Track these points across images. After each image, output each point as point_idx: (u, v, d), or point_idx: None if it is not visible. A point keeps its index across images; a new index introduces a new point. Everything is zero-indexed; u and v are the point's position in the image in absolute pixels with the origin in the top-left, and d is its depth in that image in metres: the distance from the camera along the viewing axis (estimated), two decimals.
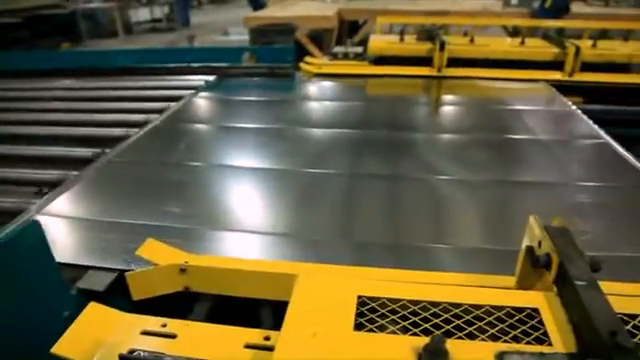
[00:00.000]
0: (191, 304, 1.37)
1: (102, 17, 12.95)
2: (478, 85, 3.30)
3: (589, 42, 3.59)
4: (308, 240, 1.57)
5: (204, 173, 2.10)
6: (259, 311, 1.30)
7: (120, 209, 1.78)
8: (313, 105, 3.04)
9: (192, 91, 3.22)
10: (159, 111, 2.87)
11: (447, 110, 3.06)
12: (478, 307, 0.95)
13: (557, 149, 2.31)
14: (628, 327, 0.92)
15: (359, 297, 0.97)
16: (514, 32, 6.86)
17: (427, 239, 1.58)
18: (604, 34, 4.33)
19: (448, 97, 3.22)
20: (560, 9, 7.21)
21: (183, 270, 1.36)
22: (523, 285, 1.11)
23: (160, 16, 14.75)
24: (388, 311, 0.95)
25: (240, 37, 10.83)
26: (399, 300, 0.96)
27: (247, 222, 1.70)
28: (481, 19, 6.90)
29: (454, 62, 3.43)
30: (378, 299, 0.96)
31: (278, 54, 3.63)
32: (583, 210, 1.78)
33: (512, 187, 1.99)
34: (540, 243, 1.05)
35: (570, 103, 2.93)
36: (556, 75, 3.33)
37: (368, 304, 0.96)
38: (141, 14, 14.80)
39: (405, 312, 0.94)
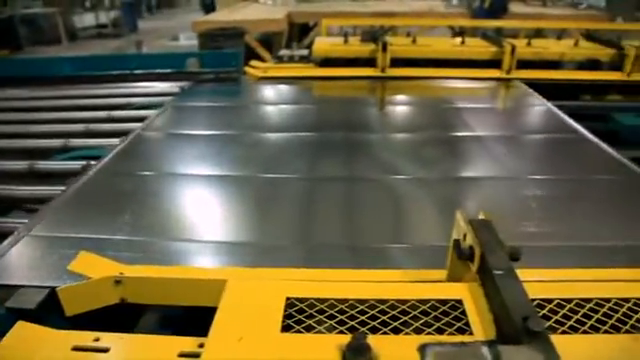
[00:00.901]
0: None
1: (43, 23, 12.43)
2: (429, 84, 3.37)
3: (525, 41, 3.73)
4: (265, 246, 1.54)
5: (155, 182, 2.00)
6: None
7: (62, 222, 1.70)
8: (266, 109, 3.01)
9: (141, 99, 3.16)
10: (99, 121, 2.80)
11: (398, 110, 3.10)
12: (404, 302, 0.97)
13: (507, 144, 2.39)
14: (544, 311, 0.96)
15: (288, 299, 0.97)
16: (460, 32, 7.06)
17: (385, 239, 1.58)
18: (539, 33, 4.51)
19: (398, 97, 3.26)
20: (498, 9, 7.48)
21: (118, 282, 1.32)
22: (453, 277, 1.14)
23: (106, 21, 14.34)
24: (316, 311, 0.96)
25: (190, 42, 10.68)
26: (327, 299, 0.97)
27: (201, 231, 1.65)
28: (425, 19, 7.08)
29: (399, 62, 3.50)
30: (306, 300, 0.97)
31: (224, 59, 3.60)
32: (533, 203, 1.82)
33: (465, 183, 2.03)
34: (465, 236, 1.08)
35: (536, 99, 3.05)
36: (495, 73, 3.45)
37: (296, 305, 0.96)
38: (86, 19, 14.35)
39: (332, 311, 0.96)
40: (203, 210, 1.81)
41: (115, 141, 2.50)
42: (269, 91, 3.34)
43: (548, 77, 3.42)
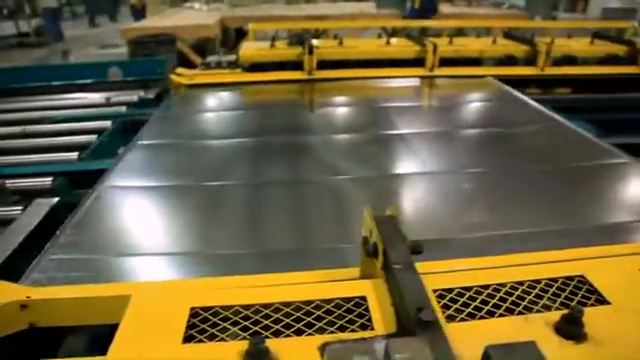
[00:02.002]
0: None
1: None
2: (361, 85, 3.42)
3: (447, 40, 3.87)
4: (212, 255, 1.51)
5: (95, 197, 1.87)
6: None
7: None
8: (201, 117, 2.96)
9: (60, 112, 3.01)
10: (12, 137, 2.65)
11: (334, 111, 3.11)
12: (308, 303, 0.98)
13: (445, 140, 2.47)
14: (445, 300, 1.00)
15: (192, 309, 0.96)
16: (392, 33, 7.24)
17: (334, 240, 1.58)
18: (462, 32, 4.69)
19: (332, 99, 3.27)
20: (428, 10, 7.73)
21: (24, 306, 1.25)
22: (365, 274, 1.16)
23: (28, 30, 13.58)
24: (221, 319, 0.95)
25: (121, 50, 10.31)
26: (232, 306, 0.96)
27: (144, 244, 1.58)
28: (356, 22, 7.18)
29: (327, 64, 3.54)
30: (211, 308, 0.96)
31: (148, 67, 3.51)
32: (470, 195, 1.91)
33: (404, 180, 2.07)
34: (371, 233, 1.11)
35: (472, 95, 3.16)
36: (419, 71, 3.55)
37: (200, 315, 0.95)
38: (6, 28, 13.52)
39: (237, 318, 0.95)
40: (145, 223, 1.73)
41: (33, 157, 2.38)
42: (203, 98, 3.26)
43: (468, 73, 3.57)
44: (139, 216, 1.77)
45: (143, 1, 9.85)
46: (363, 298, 0.99)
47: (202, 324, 0.93)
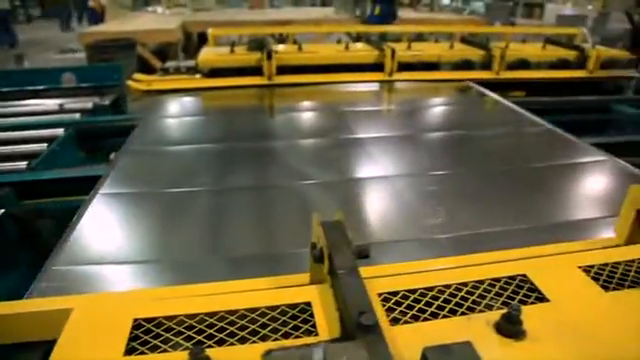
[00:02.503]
0: None
1: None
2: (320, 90, 3.44)
3: (405, 45, 3.93)
4: (174, 263, 1.48)
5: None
6: None
7: None
8: (164, 123, 2.91)
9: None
10: None
11: (298, 116, 3.11)
12: (254, 310, 0.97)
13: (408, 144, 2.50)
14: (389, 304, 1.00)
15: (135, 320, 0.94)
16: (357, 38, 7.31)
17: (299, 244, 1.54)
18: (421, 37, 4.77)
19: (294, 104, 3.28)
20: (387, 16, 7.86)
21: None
22: (314, 280, 1.16)
23: None
24: (164, 329, 0.93)
25: (82, 55, 10.05)
26: (176, 316, 0.95)
27: (101, 253, 1.53)
28: (320, 27, 7.21)
29: (287, 70, 3.54)
30: (154, 319, 0.94)
31: (104, 72, 3.43)
32: (430, 197, 1.94)
33: (368, 183, 2.08)
34: (319, 238, 1.11)
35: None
36: (378, 76, 3.60)
37: (143, 326, 0.93)
38: None
39: (181, 327, 0.93)
40: (103, 231, 1.68)
41: None
42: (163, 104, 3.20)
43: (427, 77, 3.63)
44: (97, 225, 1.72)
45: (102, 4, 9.61)
46: (308, 304, 0.99)
47: (145, 335, 0.91)
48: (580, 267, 1.14)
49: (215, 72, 3.55)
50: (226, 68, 3.55)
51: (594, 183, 2.18)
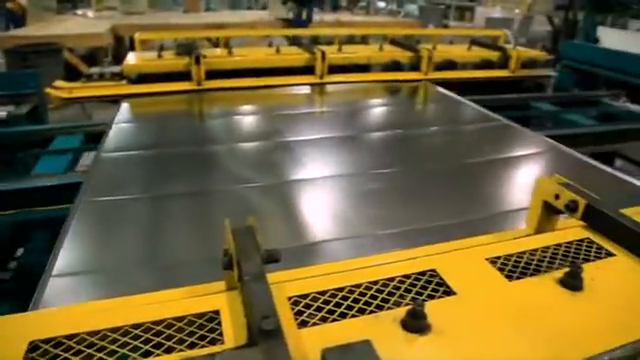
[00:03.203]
0: None
1: None
2: (256, 94, 3.42)
3: (336, 47, 3.97)
4: (106, 274, 1.43)
5: None
6: None
7: None
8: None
9: None
10: None
11: (232, 120, 3.05)
12: (159, 322, 0.94)
13: (347, 144, 2.55)
14: (299, 307, 1.00)
15: (31, 343, 0.88)
16: (294, 41, 7.37)
17: None
18: (351, 39, 4.85)
19: (229, 108, 3.22)
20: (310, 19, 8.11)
21: None
22: (229, 287, 1.14)
23: None
24: (63, 349, 0.88)
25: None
26: (76, 335, 0.90)
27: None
28: (254, 30, 7.18)
29: (218, 74, 3.48)
30: (53, 339, 0.89)
31: (20, 80, 3.25)
32: (365, 197, 2.00)
33: (309, 185, 2.09)
34: (230, 245, 1.09)
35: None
36: (309, 79, 3.61)
37: (41, 348, 0.87)
38: None
39: (81, 346, 0.89)
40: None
41: None
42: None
43: (357, 79, 3.69)
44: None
45: (23, 6, 9.07)
46: (217, 312, 0.97)
47: (41, 358, 0.86)
48: (487, 259, 1.19)
49: (142, 78, 3.44)
50: (154, 74, 3.45)
51: (531, 174, 2.31)
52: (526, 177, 2.28)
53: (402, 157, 2.45)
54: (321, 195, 2.03)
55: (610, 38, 4.50)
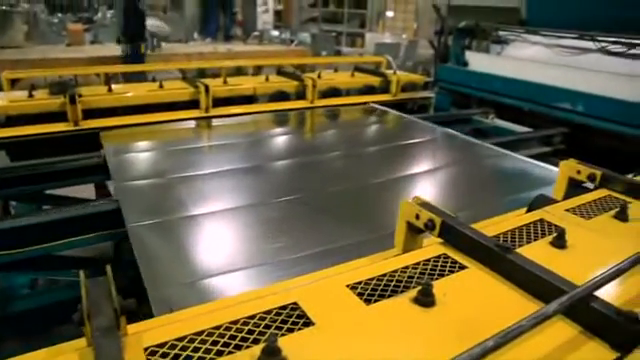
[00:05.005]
0: None
1: None
2: (144, 131, 3.32)
3: (221, 80, 3.98)
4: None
5: None
6: None
7: None
8: None
9: None
10: None
11: (125, 158, 2.90)
12: None
13: (248, 176, 2.62)
14: (156, 357, 0.98)
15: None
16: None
17: None
18: (240, 70, 4.89)
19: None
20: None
21: None
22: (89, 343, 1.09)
23: None
24: None
25: None
26: None
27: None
28: (132, 66, 6.99)
29: (97, 113, 3.34)
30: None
31: None
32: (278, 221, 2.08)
33: (206, 219, 2.08)
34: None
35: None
36: (195, 113, 3.58)
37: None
38: None
39: None
40: None
41: None
42: None
43: (244, 111, 3.73)
44: None
45: None
46: None
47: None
48: (348, 285, 1.25)
49: (12, 120, 3.20)
50: (25, 115, 3.23)
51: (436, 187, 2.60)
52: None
53: (306, 183, 2.55)
54: (218, 228, 2.04)
55: (476, 61, 4.93)
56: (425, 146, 3.33)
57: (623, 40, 3.74)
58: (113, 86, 3.60)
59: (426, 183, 2.67)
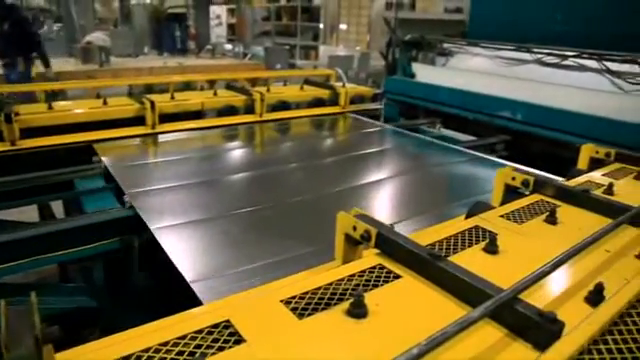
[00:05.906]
0: None
1: None
2: (107, 147, 3.26)
3: (168, 95, 3.93)
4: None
5: None
6: None
7: None
8: None
9: None
10: None
11: None
12: None
13: (205, 189, 2.65)
14: None
15: None
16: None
17: None
18: (188, 86, 4.85)
19: None
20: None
21: None
22: None
23: None
24: None
25: None
26: None
27: None
28: (71, 82, 6.81)
29: (36, 131, 3.23)
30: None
31: None
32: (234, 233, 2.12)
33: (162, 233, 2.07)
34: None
35: None
36: (140, 130, 3.52)
37: None
38: None
39: None
40: None
41: None
42: None
43: (191, 127, 3.69)
44: None
45: None
46: None
47: None
48: (282, 300, 1.25)
49: None
50: None
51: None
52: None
53: (265, 195, 2.60)
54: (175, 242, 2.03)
55: (423, 73, 5.07)
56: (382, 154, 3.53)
57: (556, 52, 3.94)
58: (54, 103, 3.48)
59: (385, 190, 2.80)
